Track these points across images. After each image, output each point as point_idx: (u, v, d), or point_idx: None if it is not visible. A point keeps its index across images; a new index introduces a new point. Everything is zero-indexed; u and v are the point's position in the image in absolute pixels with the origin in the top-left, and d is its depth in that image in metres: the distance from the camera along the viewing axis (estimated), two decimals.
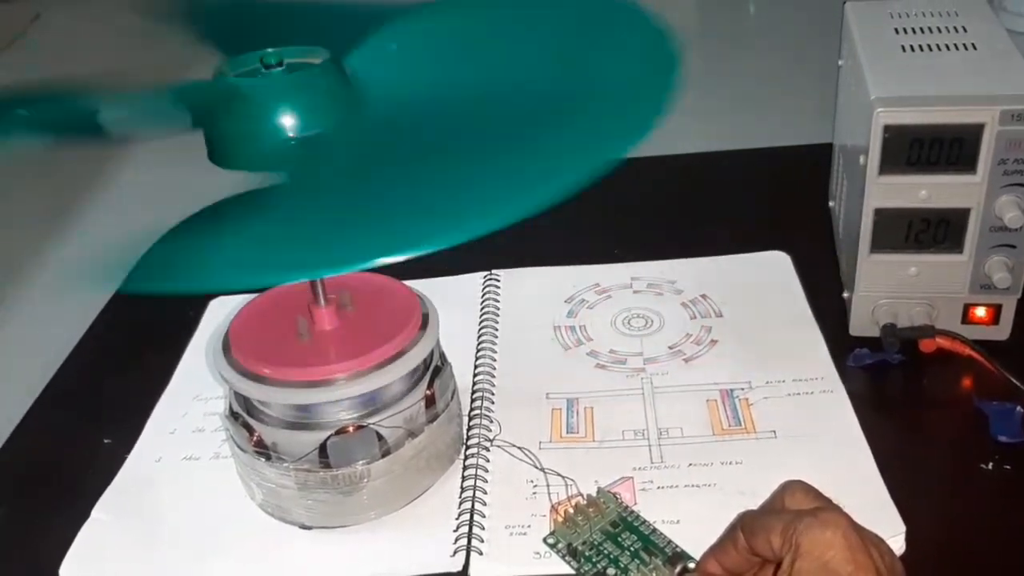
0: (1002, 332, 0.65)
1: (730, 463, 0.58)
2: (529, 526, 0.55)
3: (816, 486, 0.48)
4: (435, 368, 0.58)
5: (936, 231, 0.62)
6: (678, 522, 0.54)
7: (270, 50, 0.50)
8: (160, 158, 1.23)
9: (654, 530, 0.53)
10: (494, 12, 0.57)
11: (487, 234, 0.40)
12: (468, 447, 0.61)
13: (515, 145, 0.47)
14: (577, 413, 0.63)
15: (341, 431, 0.54)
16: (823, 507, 0.45)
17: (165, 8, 0.57)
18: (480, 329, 0.72)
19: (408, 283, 0.60)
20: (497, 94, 0.51)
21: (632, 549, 0.52)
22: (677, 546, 0.52)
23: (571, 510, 0.55)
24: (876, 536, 0.44)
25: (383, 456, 0.55)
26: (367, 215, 0.45)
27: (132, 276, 0.45)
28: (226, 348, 0.56)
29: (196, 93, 0.50)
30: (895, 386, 0.64)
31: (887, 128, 0.59)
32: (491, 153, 0.47)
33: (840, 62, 0.74)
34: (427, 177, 0.46)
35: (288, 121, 0.48)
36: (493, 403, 0.64)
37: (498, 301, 0.75)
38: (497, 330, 0.72)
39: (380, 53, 0.54)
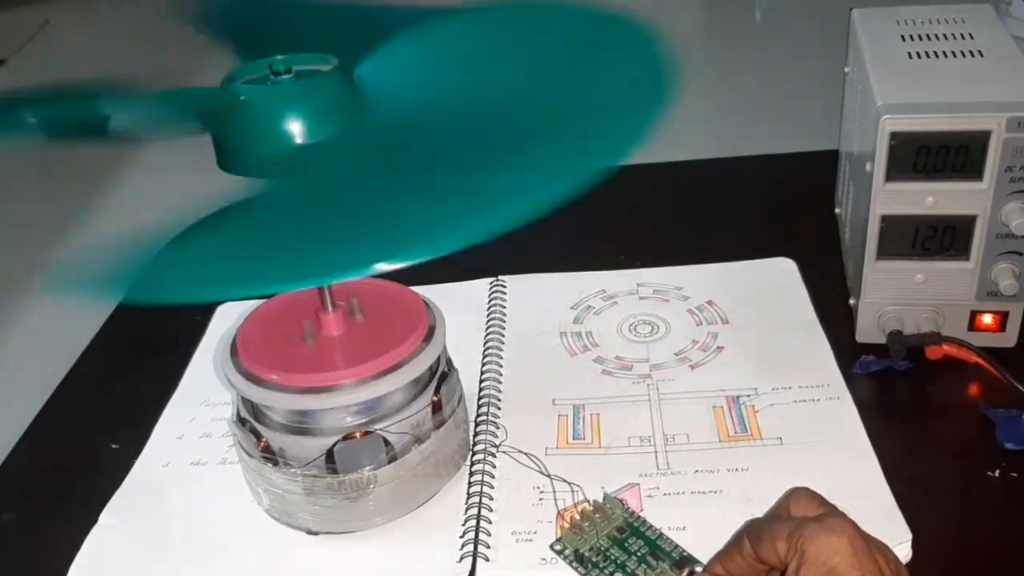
0: (1009, 339, 0.65)
1: (736, 470, 0.58)
2: (535, 532, 0.55)
3: (822, 493, 0.48)
4: (442, 374, 0.58)
5: (943, 238, 0.62)
6: (684, 529, 0.54)
7: (279, 57, 0.51)
8: (168, 160, 1.24)
9: (661, 535, 0.53)
10: (495, 25, 0.58)
11: (480, 242, 0.40)
12: (474, 453, 0.61)
13: (511, 155, 0.48)
14: (583, 419, 0.63)
15: (348, 437, 0.54)
16: (828, 513, 0.45)
17: (181, 7, 0.58)
18: (486, 335, 0.72)
19: (415, 289, 0.61)
20: (495, 104, 0.51)
21: (639, 554, 0.52)
22: (684, 550, 0.52)
23: (578, 516, 0.55)
24: (882, 543, 0.44)
25: (390, 462, 0.55)
26: (364, 222, 0.45)
27: (134, 287, 0.45)
28: (234, 353, 0.56)
29: (201, 100, 0.51)
30: (901, 393, 0.64)
31: (893, 135, 0.59)
32: (487, 163, 0.47)
33: (846, 69, 0.74)
34: (424, 185, 0.47)
35: (294, 128, 0.49)
36: (499, 409, 0.64)
37: (504, 307, 0.75)
38: (503, 336, 0.72)
39: (385, 63, 0.54)
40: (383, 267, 0.41)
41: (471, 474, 0.59)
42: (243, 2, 0.58)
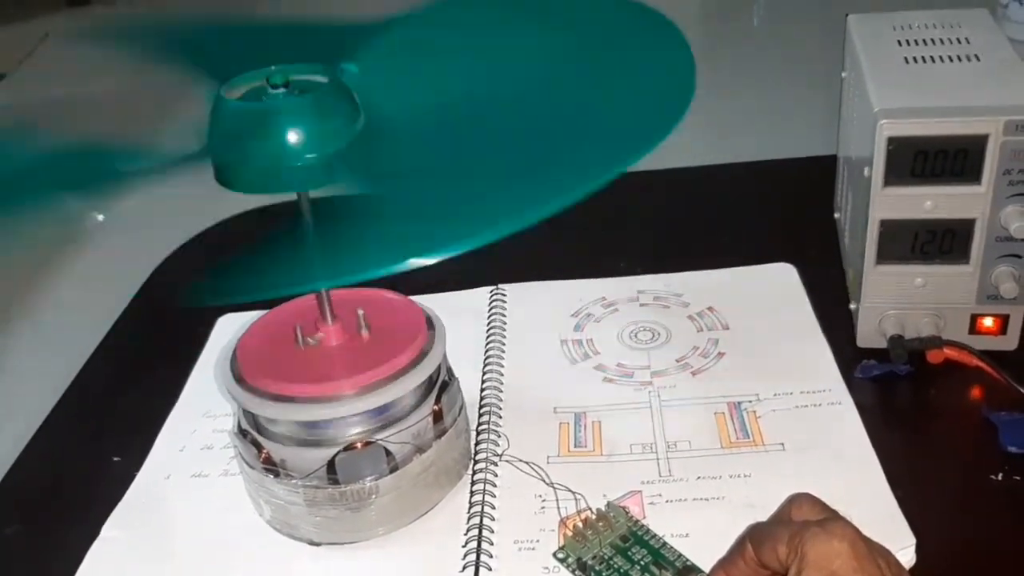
0: (1010, 342, 0.64)
1: (738, 476, 0.58)
2: (538, 541, 0.55)
3: (825, 498, 0.48)
4: (442, 383, 0.58)
5: (942, 242, 0.62)
6: (687, 535, 0.54)
7: (273, 67, 0.50)
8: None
9: (664, 544, 0.53)
10: (504, 13, 0.57)
11: (500, 239, 0.41)
12: (476, 462, 0.61)
13: (526, 152, 0.48)
14: (585, 427, 0.63)
15: (349, 447, 0.54)
16: (830, 518, 0.45)
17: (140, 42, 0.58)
18: (487, 344, 0.72)
19: (415, 298, 0.61)
20: (507, 100, 0.51)
21: (642, 563, 0.52)
22: (687, 559, 0.52)
23: (580, 524, 0.55)
24: (883, 547, 0.44)
25: (391, 472, 0.55)
26: (394, 223, 0.46)
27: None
28: (234, 365, 0.56)
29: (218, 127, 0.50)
30: (903, 397, 0.64)
31: (891, 140, 0.59)
32: (500, 161, 0.47)
33: (843, 74, 0.74)
34: (443, 185, 0.47)
35: (307, 141, 0.48)
36: (501, 418, 0.64)
37: (505, 315, 0.75)
38: (504, 344, 0.72)
39: (383, 61, 0.54)
40: (417, 262, 0.42)
41: (473, 483, 0.59)
42: (206, 29, 0.57)
